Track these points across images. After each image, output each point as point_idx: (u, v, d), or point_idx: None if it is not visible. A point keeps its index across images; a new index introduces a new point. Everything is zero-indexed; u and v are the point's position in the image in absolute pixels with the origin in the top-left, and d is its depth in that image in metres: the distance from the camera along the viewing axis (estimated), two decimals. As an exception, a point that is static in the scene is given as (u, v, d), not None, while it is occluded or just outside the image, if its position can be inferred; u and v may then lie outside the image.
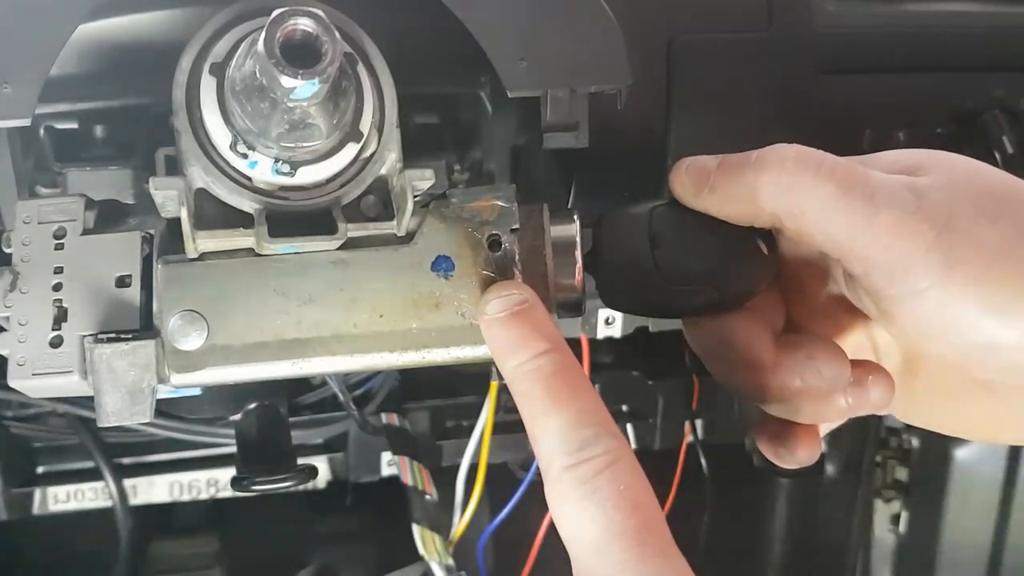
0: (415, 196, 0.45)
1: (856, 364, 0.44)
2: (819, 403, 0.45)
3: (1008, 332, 0.39)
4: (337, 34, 0.39)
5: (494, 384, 0.84)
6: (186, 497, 0.91)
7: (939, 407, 0.47)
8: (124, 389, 0.43)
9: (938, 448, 0.93)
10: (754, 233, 0.45)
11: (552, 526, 0.38)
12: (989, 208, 0.40)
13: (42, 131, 0.57)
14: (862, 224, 0.40)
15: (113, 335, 0.43)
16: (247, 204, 0.44)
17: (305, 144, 0.42)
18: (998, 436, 0.49)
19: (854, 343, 0.47)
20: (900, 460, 1.01)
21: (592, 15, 0.50)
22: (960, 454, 0.90)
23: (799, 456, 0.47)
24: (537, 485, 0.39)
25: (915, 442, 0.98)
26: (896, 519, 1.00)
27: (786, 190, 0.41)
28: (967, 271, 0.39)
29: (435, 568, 0.84)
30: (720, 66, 0.62)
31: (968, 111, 0.66)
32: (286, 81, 0.38)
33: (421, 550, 0.84)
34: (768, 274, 0.46)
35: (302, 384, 0.89)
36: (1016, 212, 0.40)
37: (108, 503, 0.90)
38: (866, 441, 1.03)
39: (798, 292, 0.48)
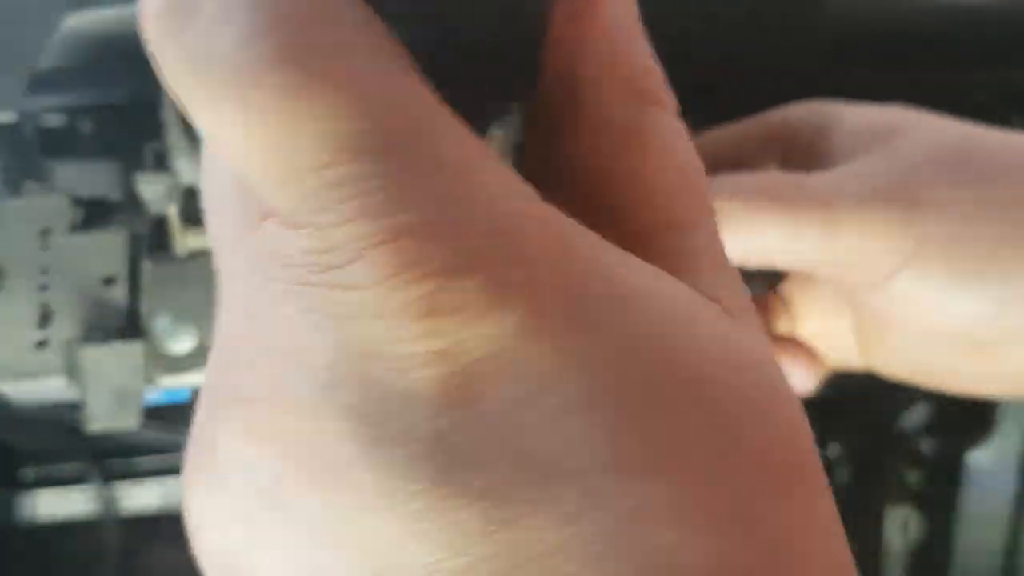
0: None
1: (779, 343, 0.43)
2: None
3: (982, 306, 0.38)
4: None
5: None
6: (179, 504, 0.90)
7: (920, 365, 0.45)
8: (112, 392, 0.43)
9: (951, 454, 0.92)
10: None
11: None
12: (947, 172, 0.38)
13: (28, 126, 0.56)
14: (824, 240, 0.38)
15: (100, 336, 0.43)
16: (239, 200, 0.43)
17: (299, 137, 0.41)
18: (980, 390, 0.48)
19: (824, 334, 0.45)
20: (913, 465, 1.00)
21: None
22: (974, 460, 0.89)
23: None
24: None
25: (928, 447, 0.97)
26: (907, 525, 1.00)
27: (744, 230, 0.39)
28: (934, 244, 0.37)
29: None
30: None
31: (979, 106, 0.65)
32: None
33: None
34: None
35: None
36: (977, 172, 0.39)
37: (96, 510, 0.89)
38: (880, 447, 1.02)
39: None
